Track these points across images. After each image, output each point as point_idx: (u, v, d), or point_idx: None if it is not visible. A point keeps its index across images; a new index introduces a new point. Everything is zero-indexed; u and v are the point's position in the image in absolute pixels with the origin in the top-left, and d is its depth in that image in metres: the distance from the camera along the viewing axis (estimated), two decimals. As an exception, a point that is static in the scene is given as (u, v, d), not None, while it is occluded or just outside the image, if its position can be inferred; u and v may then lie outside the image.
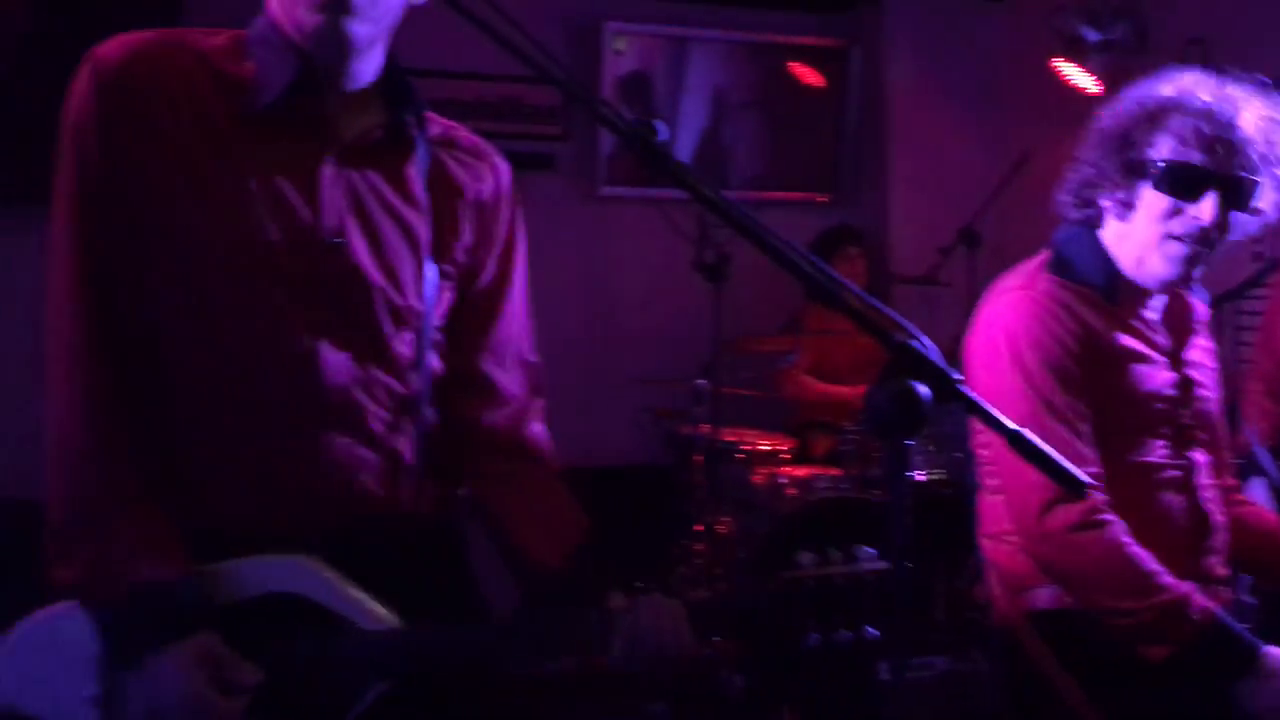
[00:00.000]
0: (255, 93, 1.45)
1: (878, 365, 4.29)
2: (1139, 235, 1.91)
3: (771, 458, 4.33)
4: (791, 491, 4.13)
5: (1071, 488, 1.29)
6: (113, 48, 1.44)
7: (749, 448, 4.29)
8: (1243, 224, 1.89)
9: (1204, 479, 2.01)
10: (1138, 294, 1.99)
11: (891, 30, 5.37)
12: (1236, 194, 1.85)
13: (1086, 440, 1.90)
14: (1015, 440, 1.27)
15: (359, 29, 1.42)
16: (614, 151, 5.13)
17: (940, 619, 3.78)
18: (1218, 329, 2.26)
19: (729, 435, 4.19)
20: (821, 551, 1.50)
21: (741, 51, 5.38)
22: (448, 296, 1.58)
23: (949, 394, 1.24)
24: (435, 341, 1.57)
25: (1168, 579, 1.84)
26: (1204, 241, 1.87)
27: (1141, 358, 1.96)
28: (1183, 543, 1.95)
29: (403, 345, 1.52)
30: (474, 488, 1.66)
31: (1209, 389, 2.06)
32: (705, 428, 4.10)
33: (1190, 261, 1.89)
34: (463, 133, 1.64)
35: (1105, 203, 1.95)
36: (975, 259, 4.68)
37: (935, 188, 5.29)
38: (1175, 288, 2.00)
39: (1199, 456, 2.01)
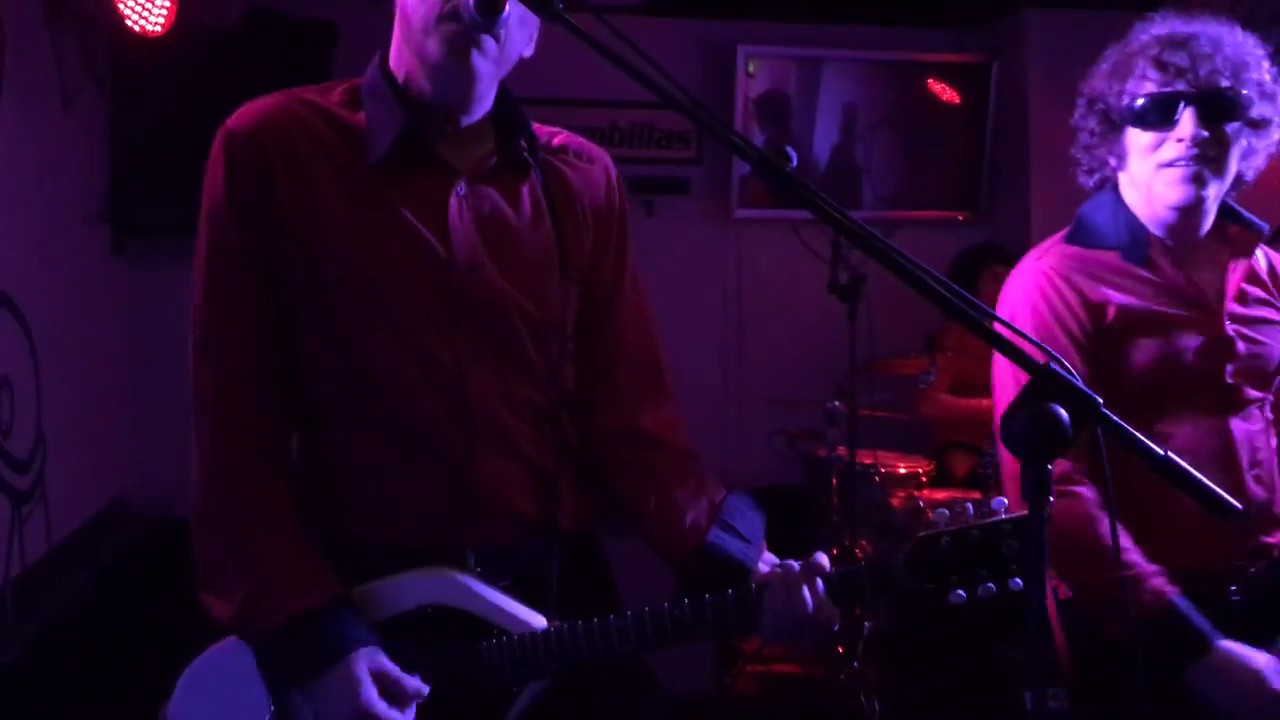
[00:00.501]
0: (369, 144, 1.52)
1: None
2: (1138, 176, 1.93)
3: (910, 480, 4.27)
4: (930, 515, 4.06)
5: (1225, 515, 1.26)
6: (241, 118, 1.53)
7: (886, 470, 4.24)
8: (1249, 135, 1.88)
9: (1248, 450, 1.91)
10: (1165, 249, 1.95)
11: (1031, 44, 5.25)
12: (1217, 105, 1.83)
13: None
14: (1163, 466, 1.24)
15: (484, 66, 1.49)
16: (747, 174, 5.15)
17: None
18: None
19: (866, 457, 4.14)
20: (955, 507, 1.50)
21: (876, 70, 5.34)
22: (574, 302, 1.63)
23: (1088, 417, 1.22)
24: (569, 351, 1.63)
25: (1131, 556, 1.80)
26: (1200, 160, 1.85)
27: (1163, 320, 1.90)
28: (1211, 523, 1.84)
29: (542, 359, 1.57)
30: (603, 481, 1.70)
31: (1265, 346, 1.93)
32: (841, 450, 4.07)
33: (1194, 180, 1.86)
34: (568, 137, 1.69)
35: (1109, 160, 1.99)
36: (1122, 276, 4.53)
37: (1078, 204, 5.15)
38: (1194, 211, 1.91)
39: (1242, 424, 1.91)
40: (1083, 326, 1.90)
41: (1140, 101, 1.88)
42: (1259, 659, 1.72)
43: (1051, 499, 1.74)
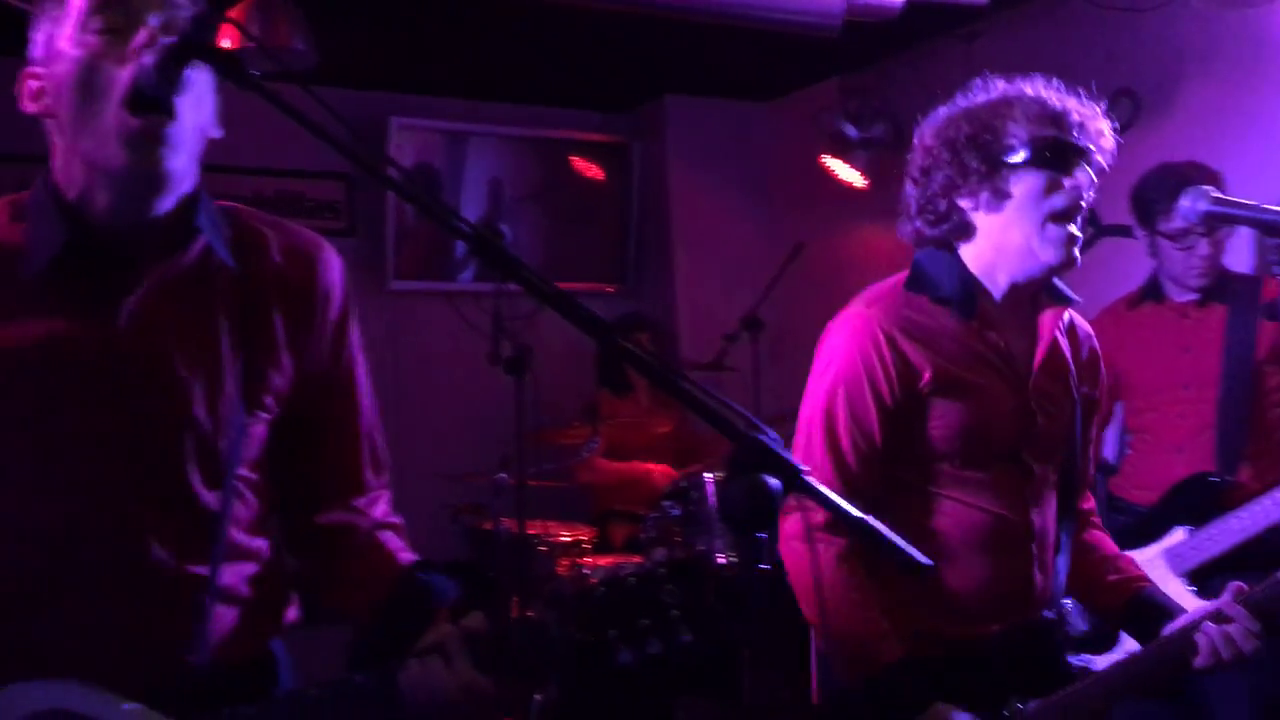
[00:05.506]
0: (25, 262, 1.38)
1: (670, 449, 4.38)
2: (1019, 223, 1.89)
3: (574, 548, 4.32)
4: (594, 581, 4.12)
5: (911, 570, 1.34)
6: None
7: (551, 540, 4.27)
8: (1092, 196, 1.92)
9: (1037, 514, 1.97)
10: (991, 310, 1.96)
11: (669, 127, 5.59)
12: (1091, 164, 1.89)
13: (844, 466, 1.92)
14: (857, 525, 1.32)
15: (174, 164, 1.37)
16: (401, 244, 5.09)
17: (752, 701, 3.83)
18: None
19: (532, 528, 4.15)
20: (613, 570, 1.47)
21: (522, 145, 5.47)
22: (260, 430, 1.50)
23: (796, 485, 1.27)
24: (246, 479, 1.50)
25: (859, 610, 1.86)
26: (1078, 213, 1.88)
27: (973, 387, 1.92)
28: (998, 574, 1.95)
29: (211, 494, 1.45)
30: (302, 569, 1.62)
31: (1057, 420, 1.99)
32: (507, 522, 4.06)
33: (1071, 242, 1.88)
34: (277, 227, 1.56)
35: (967, 203, 1.92)
36: (758, 344, 4.87)
37: (717, 277, 5.50)
38: (1062, 272, 1.94)
39: (1034, 491, 1.97)
40: (893, 393, 1.90)
41: (1040, 142, 1.85)
42: None
43: (799, 542, 1.87)
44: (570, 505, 4.78)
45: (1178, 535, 2.72)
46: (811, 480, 1.29)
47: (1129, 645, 2.59)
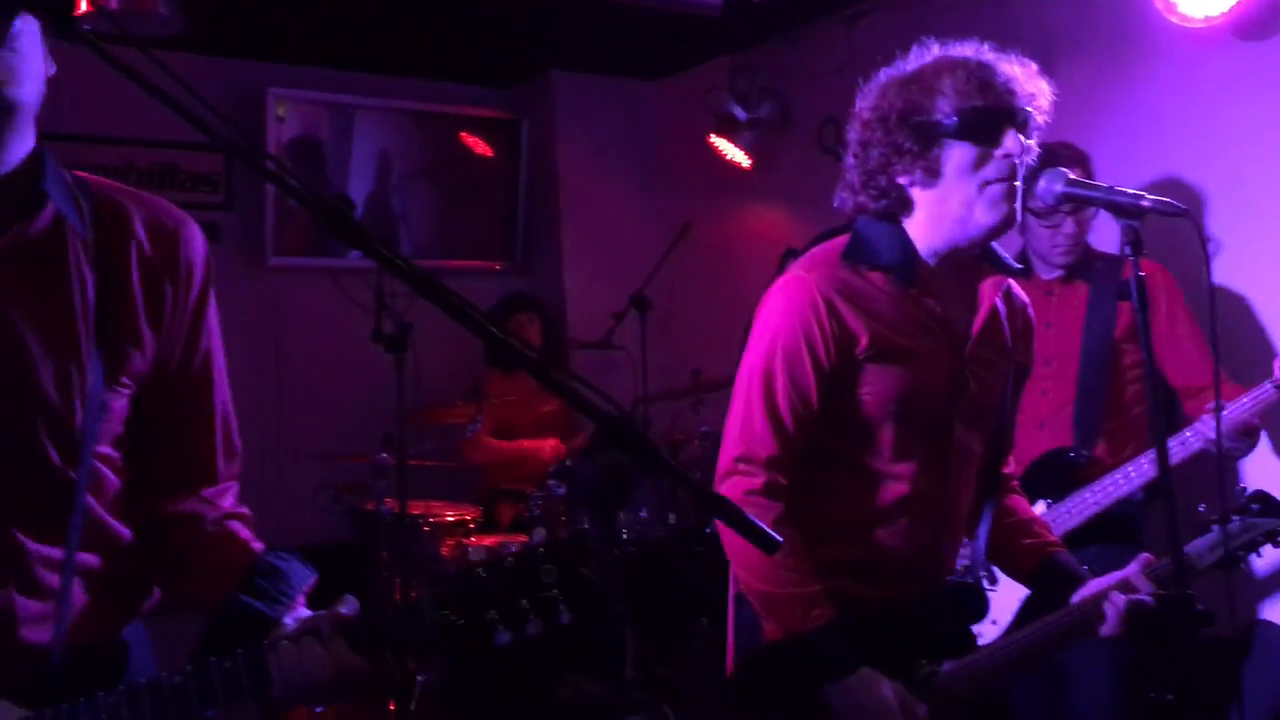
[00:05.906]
0: None
1: (557, 426, 4.38)
2: (955, 194, 1.90)
3: (459, 528, 4.29)
4: (475, 561, 4.10)
5: (766, 547, 1.34)
6: None
7: (435, 520, 4.23)
8: (1032, 153, 1.93)
9: (956, 483, 2.01)
10: (933, 276, 1.97)
11: (558, 104, 5.54)
12: (1024, 124, 1.90)
13: (781, 428, 1.92)
14: (716, 504, 1.33)
15: (21, 95, 1.31)
16: (281, 220, 4.96)
17: (633, 677, 3.85)
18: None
19: (416, 508, 4.11)
20: (498, 548, 1.44)
21: (410, 120, 5.38)
22: (121, 405, 1.46)
23: (653, 465, 1.27)
24: (106, 457, 1.46)
25: (794, 574, 1.88)
26: (1015, 175, 1.88)
27: (910, 353, 1.93)
28: (918, 541, 1.98)
29: (69, 471, 1.40)
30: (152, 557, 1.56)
31: (991, 388, 2.03)
32: (390, 502, 4.01)
33: (1009, 198, 1.89)
34: (136, 198, 1.50)
35: (904, 179, 1.93)
36: (646, 323, 4.87)
37: (606, 255, 5.49)
38: (1003, 231, 1.94)
39: (958, 460, 2.00)
40: (830, 359, 1.91)
41: (963, 116, 1.86)
42: (887, 689, 1.84)
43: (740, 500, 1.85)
44: (456, 485, 4.73)
45: (1038, 509, 2.80)
46: (666, 461, 1.30)
47: (997, 616, 2.68)
